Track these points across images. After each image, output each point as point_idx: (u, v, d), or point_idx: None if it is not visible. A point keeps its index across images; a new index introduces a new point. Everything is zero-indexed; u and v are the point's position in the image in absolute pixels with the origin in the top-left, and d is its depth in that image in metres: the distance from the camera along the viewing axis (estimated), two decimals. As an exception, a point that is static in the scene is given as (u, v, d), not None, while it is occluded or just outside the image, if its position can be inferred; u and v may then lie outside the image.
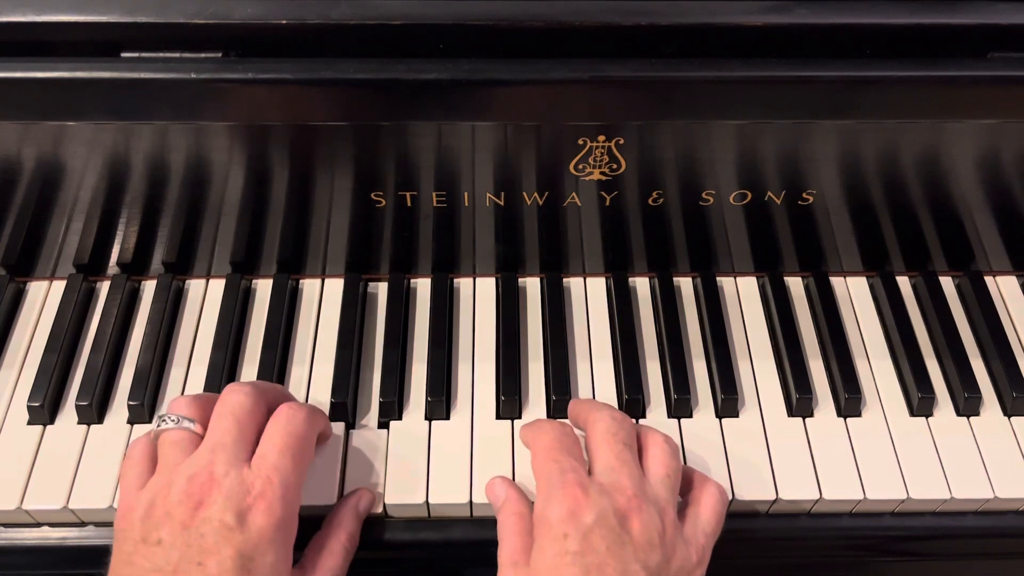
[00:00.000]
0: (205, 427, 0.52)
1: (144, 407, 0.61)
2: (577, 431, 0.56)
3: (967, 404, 0.62)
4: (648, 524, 0.49)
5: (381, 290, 0.68)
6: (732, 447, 0.60)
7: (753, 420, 0.62)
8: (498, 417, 0.61)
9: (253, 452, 0.50)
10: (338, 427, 0.60)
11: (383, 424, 0.61)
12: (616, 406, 0.62)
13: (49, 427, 0.61)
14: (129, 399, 0.61)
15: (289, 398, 0.57)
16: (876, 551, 0.61)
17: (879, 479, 0.58)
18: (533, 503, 0.53)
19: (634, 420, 0.60)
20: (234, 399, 0.52)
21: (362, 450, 0.59)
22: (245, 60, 0.52)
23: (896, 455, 0.60)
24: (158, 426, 0.52)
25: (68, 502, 0.57)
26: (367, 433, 0.60)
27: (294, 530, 0.50)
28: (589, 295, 0.69)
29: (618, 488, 0.49)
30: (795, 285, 0.70)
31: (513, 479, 0.57)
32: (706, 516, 0.53)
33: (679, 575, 0.49)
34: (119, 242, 0.65)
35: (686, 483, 0.55)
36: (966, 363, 0.64)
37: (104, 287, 0.68)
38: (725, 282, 0.69)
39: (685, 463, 0.59)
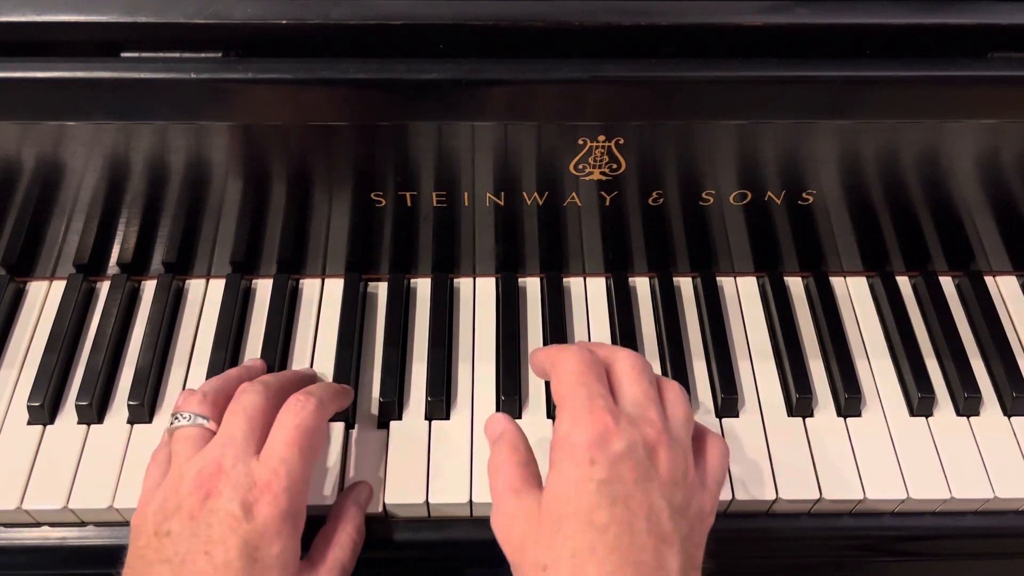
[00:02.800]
0: (218, 423, 0.52)
1: (144, 407, 0.61)
2: None
3: (967, 404, 0.62)
4: (674, 461, 0.48)
5: (381, 290, 0.68)
6: (732, 447, 0.60)
7: (753, 420, 0.62)
8: (498, 417, 0.61)
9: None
10: (338, 427, 0.60)
11: (383, 424, 0.61)
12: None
13: (49, 427, 0.61)
14: (129, 399, 0.61)
15: (308, 381, 0.57)
16: (876, 551, 0.61)
17: (879, 479, 0.58)
18: (535, 461, 0.52)
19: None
20: (246, 398, 0.52)
21: (362, 450, 0.59)
22: (245, 60, 0.52)
23: (896, 455, 0.60)
24: (172, 423, 0.53)
25: (68, 502, 0.57)
26: (367, 433, 0.60)
27: (302, 522, 0.50)
28: (589, 295, 0.69)
29: (647, 421, 0.48)
30: (795, 285, 0.70)
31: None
32: (715, 463, 0.52)
33: (696, 518, 0.48)
34: (119, 242, 0.65)
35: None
36: (966, 363, 0.64)
37: (104, 287, 0.68)
38: (725, 282, 0.69)
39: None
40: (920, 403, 0.62)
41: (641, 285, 0.70)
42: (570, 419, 0.47)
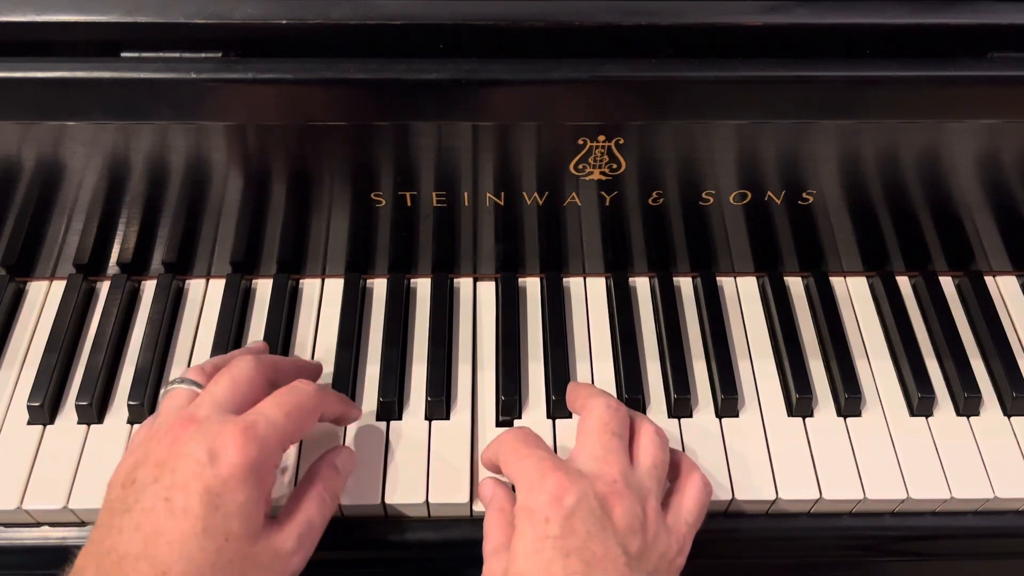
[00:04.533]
0: None
1: (144, 407, 0.61)
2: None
3: (967, 404, 0.62)
4: (629, 511, 0.49)
5: (381, 290, 0.68)
6: (732, 447, 0.60)
7: (753, 420, 0.62)
8: (498, 417, 0.61)
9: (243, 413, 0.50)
10: (338, 427, 0.60)
11: (383, 424, 0.61)
12: (616, 406, 0.62)
13: (49, 427, 0.61)
14: (129, 399, 0.61)
15: (307, 369, 0.59)
16: (876, 551, 0.61)
17: (879, 479, 0.58)
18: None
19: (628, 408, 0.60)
20: (236, 364, 0.52)
21: (362, 450, 0.59)
22: (245, 60, 0.52)
23: (896, 455, 0.60)
24: (166, 388, 0.53)
25: (68, 502, 0.57)
26: (367, 433, 0.60)
27: (270, 480, 0.49)
28: (589, 295, 0.69)
29: (599, 475, 0.50)
30: (795, 285, 0.70)
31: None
32: (689, 506, 0.53)
33: (660, 562, 0.49)
34: (119, 242, 0.65)
35: (673, 469, 0.55)
36: (966, 363, 0.64)
37: (104, 287, 0.68)
38: (725, 282, 0.69)
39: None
40: (920, 403, 0.62)
41: (641, 285, 0.70)
42: (527, 487, 0.50)
